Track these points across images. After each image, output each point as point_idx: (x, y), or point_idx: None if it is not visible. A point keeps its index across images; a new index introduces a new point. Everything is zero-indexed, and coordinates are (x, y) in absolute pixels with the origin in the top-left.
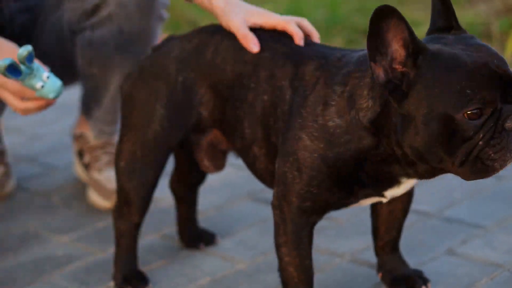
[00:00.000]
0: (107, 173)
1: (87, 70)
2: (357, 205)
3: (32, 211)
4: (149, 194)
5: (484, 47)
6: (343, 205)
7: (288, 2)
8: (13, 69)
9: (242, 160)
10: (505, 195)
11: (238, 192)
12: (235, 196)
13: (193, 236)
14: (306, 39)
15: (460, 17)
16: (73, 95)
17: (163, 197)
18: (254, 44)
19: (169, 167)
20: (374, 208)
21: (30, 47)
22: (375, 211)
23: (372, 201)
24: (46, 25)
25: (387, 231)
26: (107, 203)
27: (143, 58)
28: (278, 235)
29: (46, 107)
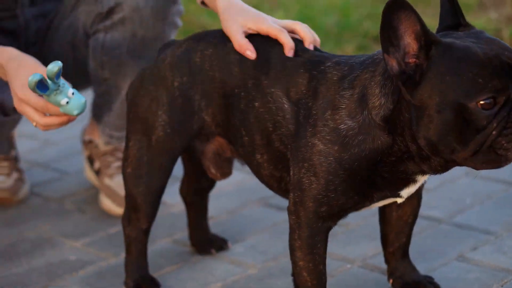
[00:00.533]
0: (118, 179)
1: (100, 74)
2: (370, 208)
3: (45, 216)
4: (157, 200)
5: (495, 40)
6: (358, 209)
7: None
8: (41, 85)
9: (248, 167)
10: None
11: (250, 197)
12: (247, 201)
13: (204, 242)
14: (297, 46)
15: (471, 23)
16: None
17: (175, 203)
18: (250, 52)
19: (180, 172)
20: (383, 214)
21: (60, 63)
22: (384, 217)
23: (388, 202)
24: (60, 29)
25: (397, 237)
26: (120, 210)
27: (145, 67)
28: (293, 240)
29: (68, 123)
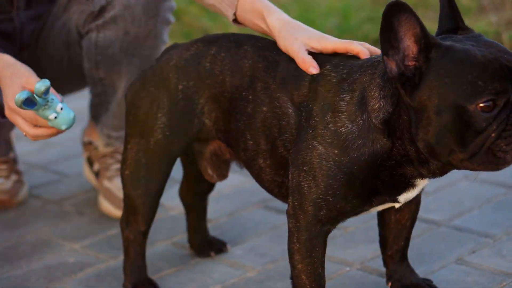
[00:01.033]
0: (117, 181)
1: (95, 74)
2: (368, 212)
3: (44, 219)
4: (155, 202)
5: (494, 43)
6: (357, 213)
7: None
8: (29, 101)
9: (248, 171)
10: None
11: (249, 200)
12: (246, 204)
13: (204, 244)
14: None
15: (471, 27)
16: (85, 103)
17: (174, 205)
18: (314, 68)
19: (179, 175)
20: (382, 218)
21: (48, 82)
22: (383, 221)
23: (386, 207)
24: (54, 30)
25: (395, 240)
26: (119, 212)
27: (146, 68)
28: (292, 243)
29: (57, 135)
